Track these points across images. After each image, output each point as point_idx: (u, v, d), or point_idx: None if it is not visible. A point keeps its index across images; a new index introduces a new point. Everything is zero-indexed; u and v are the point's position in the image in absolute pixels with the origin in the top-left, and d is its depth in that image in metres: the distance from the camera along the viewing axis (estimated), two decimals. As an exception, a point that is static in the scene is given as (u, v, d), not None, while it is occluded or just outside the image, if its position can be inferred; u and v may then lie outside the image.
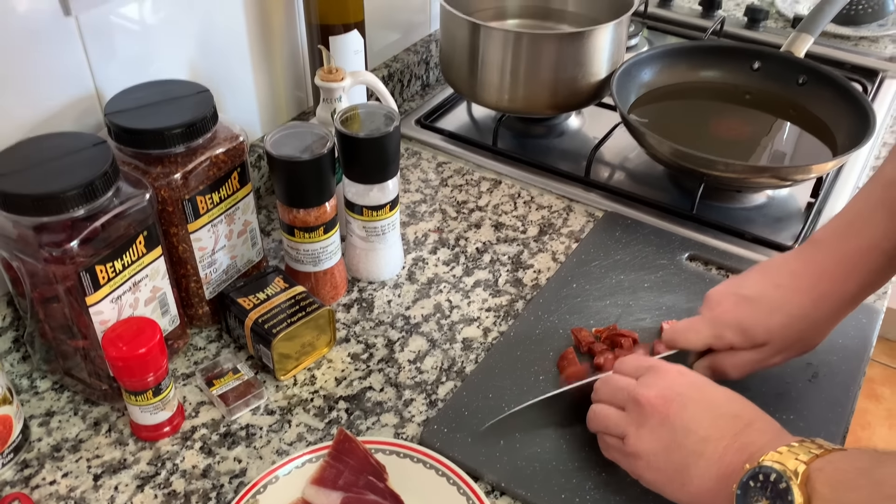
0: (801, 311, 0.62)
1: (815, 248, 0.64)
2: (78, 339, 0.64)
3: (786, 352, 0.65)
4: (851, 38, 1.29)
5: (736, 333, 0.64)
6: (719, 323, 0.64)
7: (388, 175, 0.75)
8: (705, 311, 0.66)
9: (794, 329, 0.63)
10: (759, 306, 0.63)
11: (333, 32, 0.84)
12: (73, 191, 0.58)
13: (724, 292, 0.66)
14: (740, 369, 0.65)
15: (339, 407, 0.69)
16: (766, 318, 0.63)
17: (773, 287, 0.64)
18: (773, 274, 0.65)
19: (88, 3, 0.67)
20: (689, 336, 0.65)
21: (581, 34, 0.93)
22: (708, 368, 0.66)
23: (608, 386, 0.61)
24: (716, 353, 0.66)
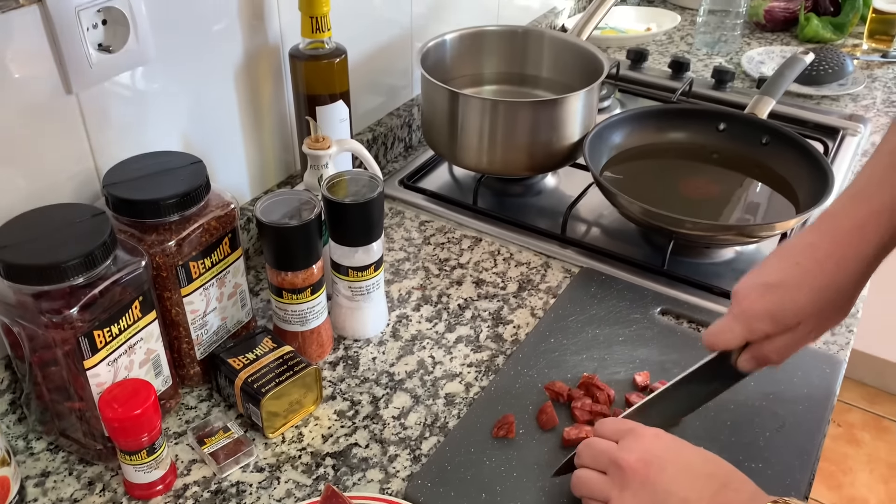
0: (824, 282, 0.63)
1: (829, 218, 0.65)
2: (74, 400, 0.67)
3: (820, 326, 0.66)
4: (814, 97, 1.36)
5: (767, 322, 0.65)
6: (750, 316, 0.65)
7: (373, 237, 0.79)
8: (734, 307, 0.67)
9: (823, 301, 0.64)
10: (784, 290, 0.64)
11: (320, 102, 0.89)
12: (73, 260, 0.61)
13: (748, 284, 0.66)
14: (782, 354, 0.66)
15: (325, 463, 0.71)
16: (793, 299, 0.64)
17: (793, 265, 0.64)
18: (792, 252, 0.65)
19: (89, 81, 0.71)
20: (725, 337, 0.67)
21: (554, 101, 0.98)
22: (752, 360, 0.67)
23: (590, 450, 0.63)
24: (755, 344, 0.66)
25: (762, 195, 1.03)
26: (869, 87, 1.40)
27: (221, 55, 0.85)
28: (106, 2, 0.70)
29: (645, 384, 0.78)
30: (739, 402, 0.76)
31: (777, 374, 0.79)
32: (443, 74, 1.08)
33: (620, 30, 1.60)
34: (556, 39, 1.14)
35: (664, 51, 1.55)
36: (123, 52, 0.73)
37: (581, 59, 1.09)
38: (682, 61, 1.37)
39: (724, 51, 1.52)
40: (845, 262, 0.63)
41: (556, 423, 0.74)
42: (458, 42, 1.12)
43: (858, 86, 1.37)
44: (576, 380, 0.78)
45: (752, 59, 1.46)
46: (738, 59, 1.50)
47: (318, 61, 0.87)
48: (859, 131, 1.24)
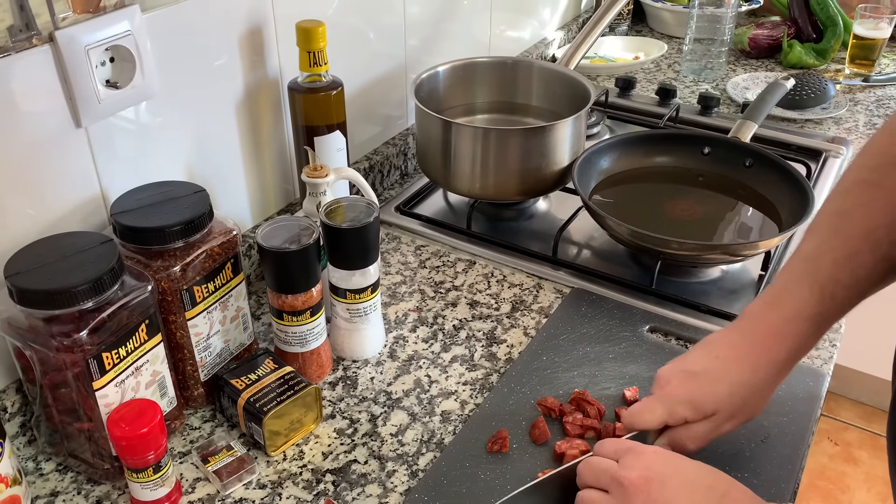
0: (742, 378, 0.68)
1: (748, 320, 0.71)
2: (84, 421, 0.69)
3: (734, 418, 0.69)
4: (797, 121, 1.40)
5: (687, 408, 0.68)
6: (671, 400, 0.68)
7: (370, 261, 0.82)
8: (656, 390, 0.71)
9: (738, 396, 0.68)
10: (704, 379, 0.68)
11: (318, 133, 0.93)
12: (83, 286, 0.64)
13: (671, 371, 0.71)
14: (697, 441, 0.69)
15: (326, 480, 0.74)
16: (712, 389, 0.68)
17: (714, 359, 0.69)
18: (714, 347, 0.70)
19: (97, 115, 0.75)
20: (645, 417, 0.69)
21: (544, 128, 1.02)
22: (667, 445, 0.69)
23: (591, 469, 0.64)
24: (672, 429, 0.69)
25: (746, 216, 1.07)
26: (851, 110, 1.45)
27: (223, 89, 0.89)
28: (113, 40, 0.73)
29: (634, 399, 0.81)
30: (725, 414, 0.79)
31: (762, 388, 0.81)
32: (436, 104, 1.12)
33: (609, 59, 1.65)
34: (545, 69, 1.18)
35: (652, 78, 1.59)
36: (130, 88, 0.76)
37: (569, 88, 1.13)
38: (668, 88, 1.42)
39: (709, 77, 1.57)
40: (760, 365, 0.68)
41: (549, 438, 0.76)
42: (450, 73, 1.16)
43: (841, 109, 1.41)
44: (567, 396, 0.81)
45: (737, 86, 1.51)
46: (723, 86, 1.54)
47: (315, 94, 0.91)
48: (842, 153, 1.27)
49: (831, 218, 0.69)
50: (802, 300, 0.67)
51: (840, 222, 0.68)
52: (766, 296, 0.71)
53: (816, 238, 0.69)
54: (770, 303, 0.70)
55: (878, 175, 0.67)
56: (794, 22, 1.69)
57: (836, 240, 0.67)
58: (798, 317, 0.67)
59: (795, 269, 0.69)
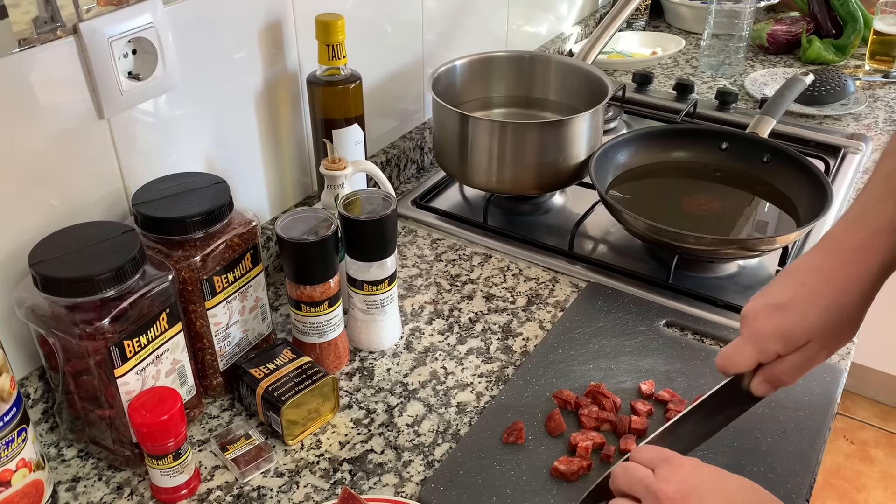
0: (832, 301, 0.65)
1: (829, 242, 0.67)
2: (105, 408, 0.70)
3: (829, 345, 0.66)
4: (816, 117, 1.39)
5: (778, 342, 0.66)
6: (760, 337, 0.66)
7: (387, 253, 0.83)
8: (744, 328, 0.68)
9: (831, 320, 0.65)
10: (792, 309, 0.65)
11: (336, 126, 0.93)
12: (105, 274, 0.65)
13: (756, 306, 0.68)
14: (794, 373, 0.67)
15: (342, 469, 0.74)
16: (801, 318, 0.65)
17: (799, 286, 0.66)
18: (798, 274, 0.67)
19: (119, 107, 0.76)
20: (737, 359, 0.67)
21: (561, 122, 1.02)
22: (765, 383, 0.68)
23: (627, 476, 0.62)
24: (767, 366, 0.67)
25: (764, 211, 1.06)
26: (871, 106, 1.43)
27: (242, 82, 0.90)
28: (136, 32, 0.74)
29: (650, 393, 0.81)
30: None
31: (778, 383, 0.81)
32: (453, 98, 1.12)
33: (627, 54, 1.64)
34: (563, 63, 1.18)
35: (669, 74, 1.59)
36: (152, 80, 0.77)
37: (586, 82, 1.13)
38: (686, 83, 1.41)
39: (727, 73, 1.56)
40: (849, 282, 0.65)
41: (564, 430, 0.76)
42: (467, 67, 1.16)
43: (860, 105, 1.40)
44: (583, 388, 0.81)
45: (755, 81, 1.50)
46: (741, 81, 1.53)
47: (334, 87, 0.92)
48: (861, 149, 1.27)
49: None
50: (887, 215, 0.64)
51: None
52: (847, 216, 0.68)
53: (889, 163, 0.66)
54: (853, 222, 0.67)
55: None
56: (813, 17, 1.68)
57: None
58: (883, 231, 0.64)
59: (877, 187, 0.66)
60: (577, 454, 0.73)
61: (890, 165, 0.67)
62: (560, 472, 0.72)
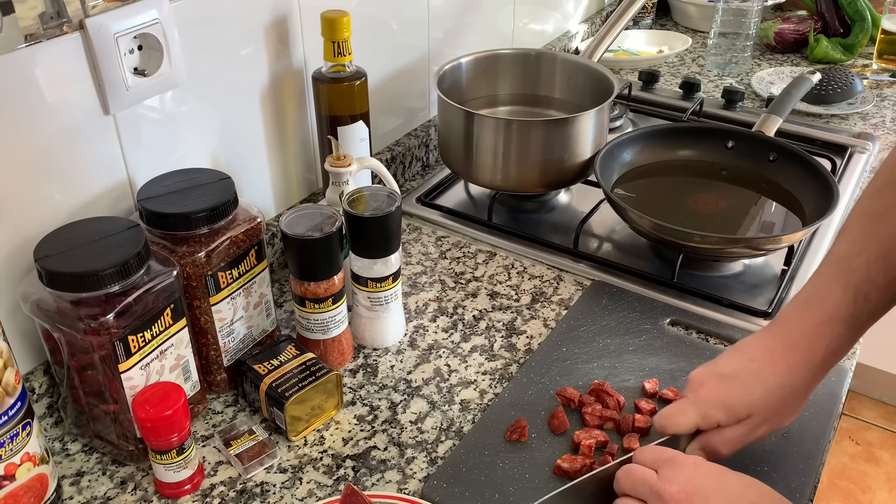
0: (778, 381, 0.67)
1: (781, 324, 0.70)
2: (109, 403, 0.71)
3: (768, 422, 0.68)
4: (823, 116, 1.38)
5: (720, 411, 0.67)
6: (704, 403, 0.67)
7: (391, 250, 0.83)
8: (689, 392, 0.69)
9: (774, 398, 0.67)
10: (739, 382, 0.67)
11: (341, 123, 0.93)
12: (110, 269, 0.66)
13: (704, 374, 0.70)
14: (730, 445, 0.68)
15: (346, 465, 0.74)
16: (746, 391, 0.67)
17: (748, 362, 0.68)
18: (748, 350, 0.70)
19: (125, 103, 0.76)
20: (678, 420, 0.68)
21: (566, 120, 1.02)
22: (700, 450, 0.68)
23: (630, 478, 0.63)
24: (705, 434, 0.68)
25: (770, 210, 1.06)
26: (878, 105, 1.43)
27: (248, 78, 0.90)
28: (142, 28, 0.74)
29: (654, 391, 0.81)
30: (746, 408, 0.78)
31: (783, 382, 0.81)
32: (459, 96, 1.12)
33: (633, 52, 1.64)
34: (568, 61, 1.18)
35: (675, 72, 1.58)
36: (157, 76, 0.77)
37: (592, 80, 1.13)
38: (692, 82, 1.41)
39: (734, 72, 1.56)
40: (795, 366, 0.67)
41: (568, 428, 0.76)
42: (473, 65, 1.16)
43: (867, 105, 1.39)
44: (587, 387, 0.81)
45: (762, 80, 1.49)
46: (748, 80, 1.53)
47: (339, 84, 0.92)
48: (868, 149, 1.26)
49: (863, 219, 0.68)
50: (835, 302, 0.66)
51: (873, 223, 0.67)
52: (798, 299, 0.70)
53: (848, 239, 0.68)
54: (803, 306, 0.69)
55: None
56: (820, 16, 1.67)
57: (868, 240, 0.66)
58: (832, 319, 0.66)
59: (828, 272, 0.68)
60: (580, 452, 0.73)
61: (842, 248, 0.68)
62: (563, 470, 0.72)
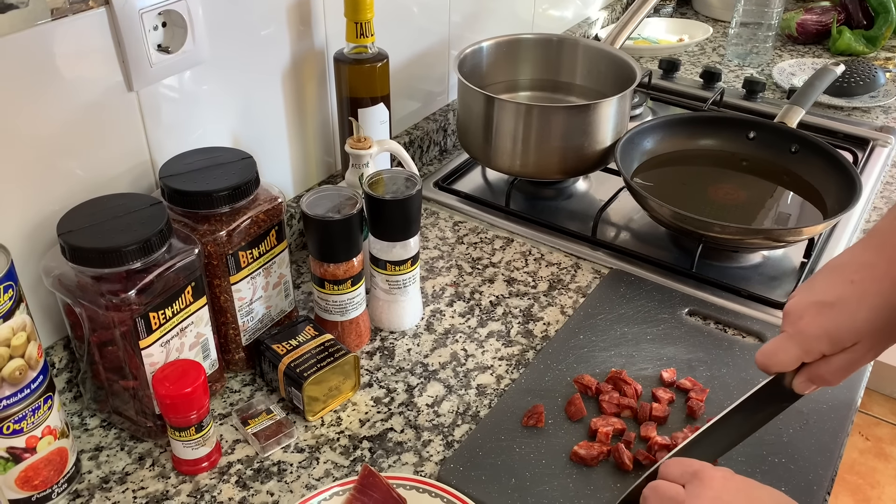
0: (883, 300, 0.61)
1: (879, 237, 0.64)
2: (129, 379, 0.71)
3: (878, 346, 0.63)
4: (845, 109, 1.37)
5: (824, 343, 0.63)
6: (806, 336, 0.63)
7: (411, 233, 0.82)
8: (788, 326, 0.65)
9: (881, 320, 0.62)
10: (841, 309, 0.62)
11: (362, 105, 0.93)
12: (132, 246, 0.66)
13: (801, 303, 0.65)
14: (839, 374, 0.64)
15: (362, 446, 0.75)
16: (851, 318, 0.62)
17: (848, 284, 0.63)
18: (845, 270, 0.64)
19: (148, 80, 0.76)
20: (780, 358, 0.65)
21: (587, 107, 1.01)
22: (808, 382, 0.65)
23: (657, 496, 0.61)
24: (811, 366, 0.65)
25: (790, 202, 1.05)
26: (901, 99, 1.41)
27: (269, 58, 0.90)
28: (166, 5, 0.74)
29: (672, 380, 0.80)
30: (764, 399, 0.78)
31: (802, 374, 0.80)
32: (479, 80, 1.11)
33: (653, 40, 1.63)
34: (590, 48, 1.17)
35: (696, 61, 1.57)
36: (181, 53, 0.77)
37: (614, 67, 1.12)
38: (713, 71, 1.40)
39: (755, 62, 1.54)
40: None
41: (585, 415, 0.76)
42: (494, 49, 1.15)
43: (890, 98, 1.38)
44: (604, 374, 0.81)
45: (783, 71, 1.48)
46: (769, 71, 1.51)
47: (361, 65, 0.91)
48: (890, 142, 1.25)
49: None
50: None
51: None
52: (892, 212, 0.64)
53: None
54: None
55: None
56: (843, 7, 1.65)
57: None
58: None
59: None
60: (597, 439, 0.73)
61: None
62: (580, 457, 0.72)
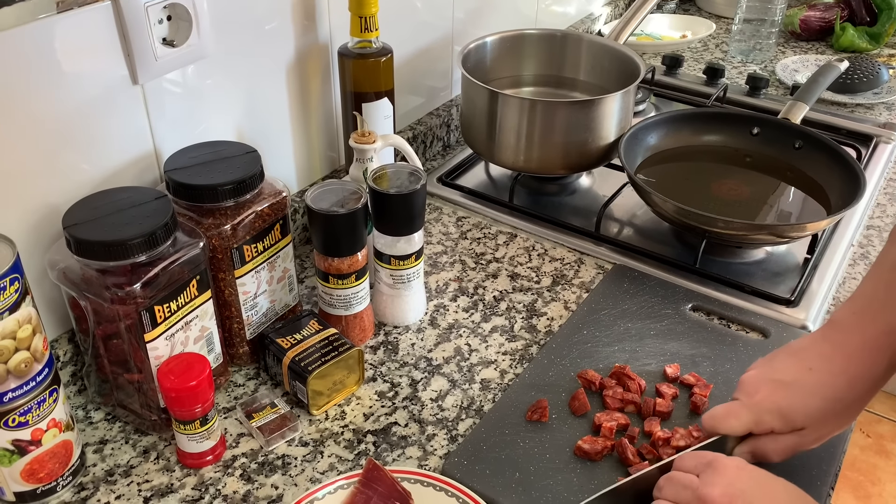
0: (837, 394, 0.65)
1: (838, 331, 0.67)
2: (134, 372, 0.71)
3: (824, 433, 0.67)
4: (848, 105, 1.37)
5: (776, 418, 0.66)
6: (759, 409, 0.66)
7: (415, 228, 0.82)
8: (743, 396, 0.68)
9: (831, 411, 0.65)
10: (797, 391, 0.66)
11: (366, 100, 0.93)
12: (137, 239, 0.66)
13: (759, 378, 0.68)
14: (782, 453, 0.67)
15: (367, 440, 0.75)
16: (805, 402, 0.65)
17: (806, 371, 0.66)
18: (805, 357, 0.67)
19: (153, 73, 0.76)
20: (731, 422, 0.67)
21: (591, 102, 1.01)
22: (749, 454, 0.67)
23: (672, 485, 0.62)
24: (756, 438, 0.67)
25: (794, 198, 1.05)
26: (904, 96, 1.41)
27: (274, 52, 0.89)
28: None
29: (675, 376, 0.80)
30: (768, 394, 0.78)
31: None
32: (482, 76, 1.11)
33: (656, 36, 1.62)
34: (594, 43, 1.17)
35: (699, 57, 1.57)
36: (186, 47, 0.77)
37: (618, 63, 1.12)
38: (716, 68, 1.39)
39: (758, 59, 1.54)
40: (857, 381, 0.65)
41: (588, 409, 0.76)
42: (498, 44, 1.15)
43: (893, 94, 1.38)
44: (608, 370, 0.81)
45: (786, 67, 1.48)
46: (772, 67, 1.51)
47: (365, 59, 0.91)
48: (893, 139, 1.25)
49: None
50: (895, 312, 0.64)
51: None
52: (855, 305, 0.68)
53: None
54: (862, 313, 0.67)
55: None
56: (847, 4, 1.65)
57: None
58: (893, 331, 0.64)
59: (887, 276, 0.65)
60: (601, 434, 0.73)
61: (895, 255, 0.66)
62: (584, 451, 0.72)
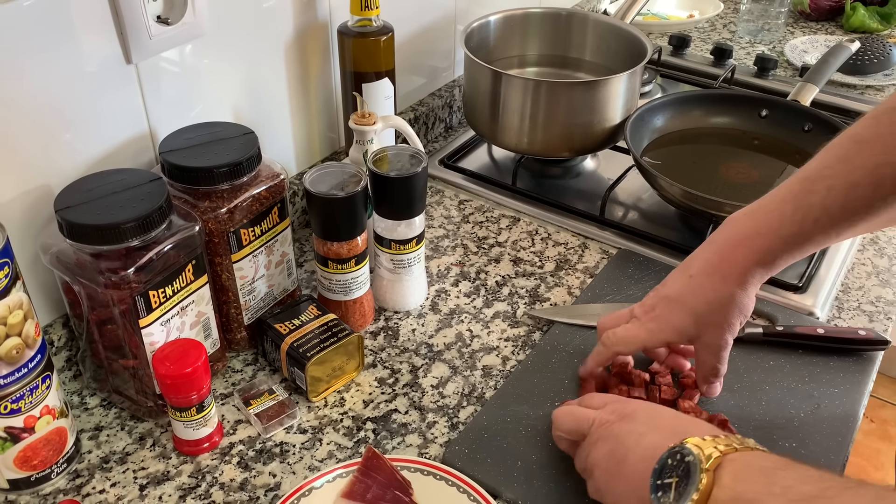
0: (714, 295, 0.67)
1: (724, 228, 0.69)
2: (129, 358, 0.70)
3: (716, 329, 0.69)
4: (858, 87, 1.34)
5: (670, 333, 0.70)
6: (653, 326, 0.70)
7: (416, 212, 0.81)
8: (641, 314, 0.72)
9: (715, 310, 0.68)
10: (682, 304, 0.69)
11: (366, 80, 0.91)
12: (131, 223, 0.64)
13: (654, 297, 0.72)
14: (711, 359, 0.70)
15: (366, 427, 0.74)
16: (690, 310, 0.68)
17: (688, 279, 0.69)
18: (689, 265, 0.70)
19: (148, 52, 0.74)
20: (627, 342, 0.72)
21: (597, 83, 0.99)
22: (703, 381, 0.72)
23: (572, 417, 0.66)
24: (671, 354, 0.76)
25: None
26: (915, 77, 1.38)
27: (272, 31, 0.87)
28: (166, -25, 0.72)
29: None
30: (775, 382, 0.77)
31: (813, 358, 0.79)
32: (486, 55, 1.09)
33: (663, 16, 1.60)
34: (600, 23, 1.15)
35: (706, 38, 1.54)
36: (181, 25, 0.75)
37: (624, 43, 1.10)
38: (724, 48, 1.37)
39: (767, 39, 1.51)
40: (727, 275, 0.67)
41: (593, 398, 0.75)
42: (502, 23, 1.13)
43: (904, 76, 1.35)
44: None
45: (795, 48, 1.45)
46: (781, 48, 1.48)
47: (365, 38, 0.89)
48: (904, 121, 1.22)
49: (846, 143, 0.65)
50: (781, 218, 0.66)
51: (852, 149, 0.64)
52: (750, 206, 0.69)
53: (823, 160, 0.66)
54: (750, 213, 0.69)
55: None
56: (858, -16, 1.62)
57: (840, 166, 0.64)
58: (770, 233, 0.66)
59: (787, 188, 0.67)
60: (604, 422, 0.72)
61: (813, 167, 0.66)
62: None
